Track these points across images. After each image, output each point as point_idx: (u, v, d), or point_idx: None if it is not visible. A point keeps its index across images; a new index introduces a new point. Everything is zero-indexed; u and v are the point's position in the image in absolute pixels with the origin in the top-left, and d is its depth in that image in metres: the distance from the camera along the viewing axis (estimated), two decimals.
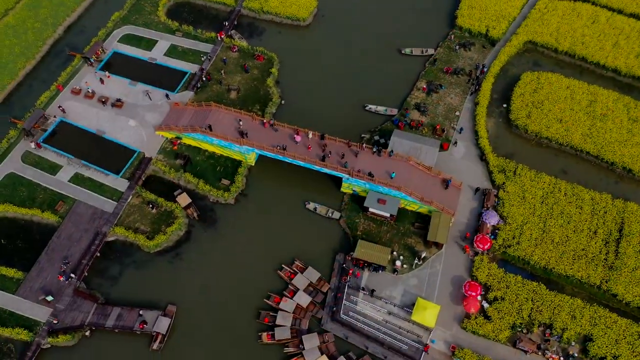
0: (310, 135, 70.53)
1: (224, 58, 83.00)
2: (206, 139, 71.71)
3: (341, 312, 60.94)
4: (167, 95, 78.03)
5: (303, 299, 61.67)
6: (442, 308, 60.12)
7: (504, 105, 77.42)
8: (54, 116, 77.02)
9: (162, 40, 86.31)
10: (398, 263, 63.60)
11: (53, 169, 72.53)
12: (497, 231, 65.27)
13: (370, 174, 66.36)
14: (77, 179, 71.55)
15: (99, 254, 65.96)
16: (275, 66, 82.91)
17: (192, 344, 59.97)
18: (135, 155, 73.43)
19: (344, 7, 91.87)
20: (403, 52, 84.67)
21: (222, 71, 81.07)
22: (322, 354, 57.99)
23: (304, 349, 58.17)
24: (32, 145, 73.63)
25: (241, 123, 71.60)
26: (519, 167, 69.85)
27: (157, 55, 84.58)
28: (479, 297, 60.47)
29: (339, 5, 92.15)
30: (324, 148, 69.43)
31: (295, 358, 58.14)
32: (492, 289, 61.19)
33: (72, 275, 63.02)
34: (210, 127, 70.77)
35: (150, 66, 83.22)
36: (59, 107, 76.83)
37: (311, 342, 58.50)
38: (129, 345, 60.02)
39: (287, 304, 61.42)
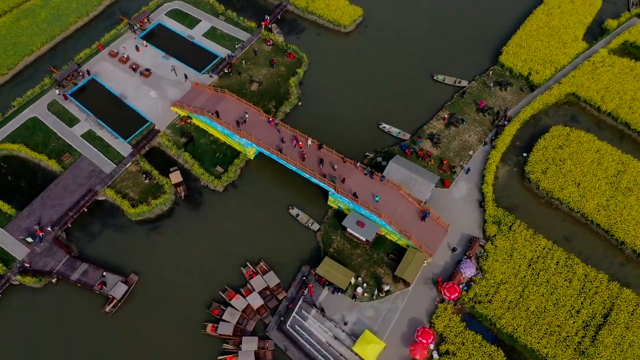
0: (309, 143, 69.94)
1: (256, 49, 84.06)
2: (212, 124, 73.11)
3: (288, 324, 60.33)
4: (185, 76, 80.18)
5: (256, 301, 61.58)
6: (389, 347, 57.91)
7: (524, 155, 72.74)
8: (87, 73, 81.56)
9: (205, 21, 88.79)
10: (359, 290, 61.86)
11: (71, 121, 77.00)
12: (472, 283, 61.83)
13: (354, 194, 64.93)
14: (89, 136, 75.52)
15: (86, 210, 69.42)
16: (303, 67, 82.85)
17: (141, 316, 61.65)
18: (146, 125, 76.31)
19: (389, 22, 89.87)
20: (435, 78, 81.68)
21: (243, 61, 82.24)
22: (256, 359, 57.87)
23: (241, 349, 58.33)
24: (59, 94, 78.50)
25: (247, 115, 72.35)
26: (516, 222, 65.49)
27: (197, 34, 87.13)
28: (430, 346, 57.68)
29: (385, 19, 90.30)
30: (303, 157, 68.98)
31: (230, 357, 58.37)
32: (447, 342, 58.13)
33: (50, 228, 66.73)
34: (217, 113, 72.12)
35: (187, 43, 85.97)
36: (86, 70, 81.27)
37: (250, 344, 58.43)
38: (86, 301, 62.74)
39: (239, 302, 61.63)
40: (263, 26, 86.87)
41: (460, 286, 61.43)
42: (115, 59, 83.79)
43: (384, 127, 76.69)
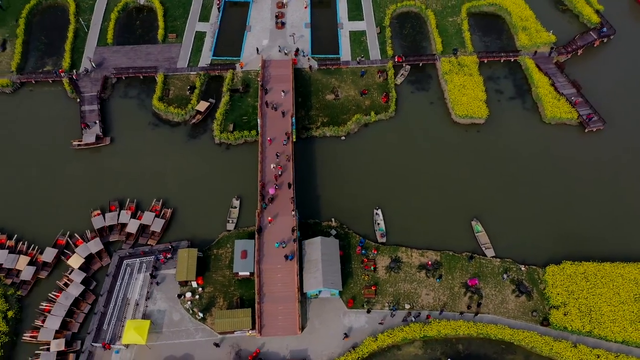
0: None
1: (365, 71, 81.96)
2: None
3: (127, 262, 64.53)
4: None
5: (132, 227, 66.33)
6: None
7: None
8: None
9: (365, 22, 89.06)
10: (189, 295, 61.95)
11: (204, 18, 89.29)
12: None
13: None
14: (199, 34, 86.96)
15: (141, 77, 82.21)
16: (381, 115, 77.97)
17: (83, 166, 73.18)
18: (235, 58, 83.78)
19: (502, 141, 75.87)
20: (472, 223, 68.34)
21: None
22: (87, 261, 64.36)
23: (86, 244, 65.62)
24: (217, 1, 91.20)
25: (281, 106, 73.70)
26: None
27: (347, 27, 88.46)
28: None
29: (501, 136, 76.50)
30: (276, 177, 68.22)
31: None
32: None
33: (95, 66, 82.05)
34: (265, 90, 74.95)
35: (331, 27, 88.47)
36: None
37: (93, 246, 64.69)
38: (73, 129, 76.18)
39: (125, 217, 67.28)
40: (395, 60, 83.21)
41: None
42: (279, 1, 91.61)
43: (377, 215, 69.26)
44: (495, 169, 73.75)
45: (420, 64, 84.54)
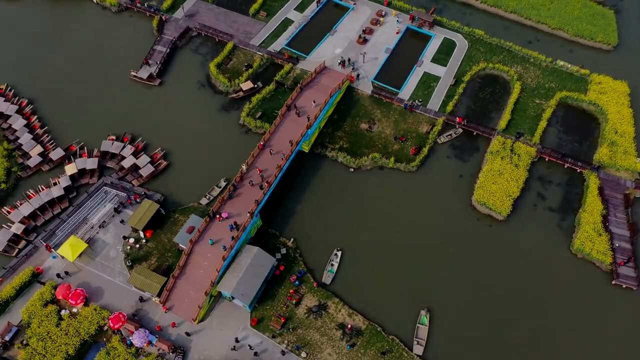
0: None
1: (407, 104, 77.78)
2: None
3: (107, 187, 70.80)
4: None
5: (127, 161, 72.36)
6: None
7: None
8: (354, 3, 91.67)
9: (446, 70, 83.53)
10: (132, 240, 66.16)
11: (300, 8, 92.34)
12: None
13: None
14: (286, 22, 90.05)
15: (217, 40, 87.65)
16: (400, 166, 73.05)
17: (135, 94, 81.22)
18: (303, 55, 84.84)
19: (501, 255, 66.69)
20: (422, 312, 61.94)
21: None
22: (80, 173, 72.01)
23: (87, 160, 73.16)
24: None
25: (303, 115, 73.49)
26: None
27: (424, 66, 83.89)
28: (74, 306, 60.93)
29: (505, 246, 67.03)
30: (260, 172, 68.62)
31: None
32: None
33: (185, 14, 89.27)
34: (293, 105, 74.87)
35: (410, 60, 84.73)
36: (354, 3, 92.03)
37: (89, 163, 72.03)
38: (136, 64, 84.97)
39: (127, 149, 73.63)
40: (457, 123, 76.86)
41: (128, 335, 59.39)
42: (377, 16, 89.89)
43: (335, 255, 66.27)
44: (483, 272, 65.38)
45: (475, 133, 77.17)
